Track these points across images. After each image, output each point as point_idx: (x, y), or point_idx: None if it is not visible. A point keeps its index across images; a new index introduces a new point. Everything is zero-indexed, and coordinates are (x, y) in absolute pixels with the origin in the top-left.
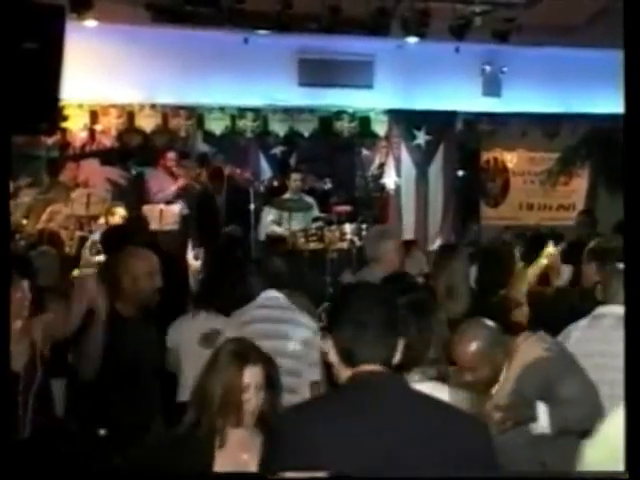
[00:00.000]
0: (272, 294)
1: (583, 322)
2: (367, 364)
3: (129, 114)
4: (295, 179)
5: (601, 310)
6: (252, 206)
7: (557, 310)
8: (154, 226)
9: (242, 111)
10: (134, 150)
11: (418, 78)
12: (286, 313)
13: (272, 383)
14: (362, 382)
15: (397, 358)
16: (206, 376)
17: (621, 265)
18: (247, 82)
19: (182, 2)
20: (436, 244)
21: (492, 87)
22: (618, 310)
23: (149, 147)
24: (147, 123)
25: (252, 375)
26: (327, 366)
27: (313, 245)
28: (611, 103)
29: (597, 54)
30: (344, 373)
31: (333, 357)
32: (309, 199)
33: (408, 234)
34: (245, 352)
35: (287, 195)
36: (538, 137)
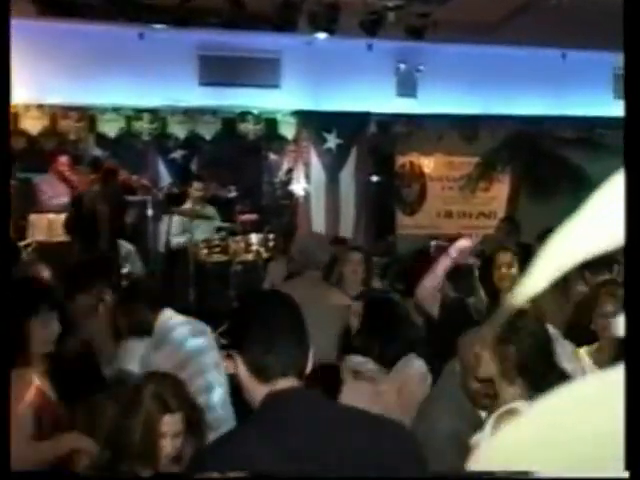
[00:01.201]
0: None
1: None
2: (283, 378)
3: (13, 115)
4: (197, 188)
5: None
6: (150, 215)
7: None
8: (41, 237)
9: (138, 112)
10: (19, 154)
11: (328, 77)
12: None
13: (193, 429)
14: (281, 401)
15: (309, 368)
16: (124, 417)
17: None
18: (143, 81)
19: None
20: None
21: (407, 87)
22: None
23: (36, 151)
24: (33, 125)
25: (171, 424)
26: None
27: (216, 257)
28: (533, 104)
29: (519, 52)
30: (259, 391)
31: (244, 375)
32: (211, 208)
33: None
34: (165, 399)
35: (188, 204)
36: (456, 140)
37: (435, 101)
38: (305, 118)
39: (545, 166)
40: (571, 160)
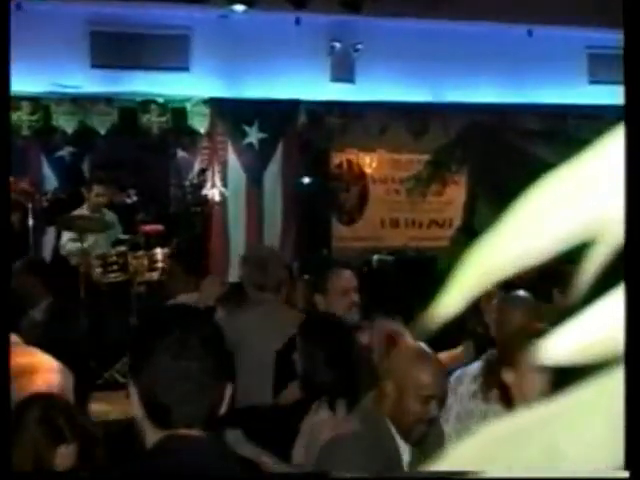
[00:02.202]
0: None
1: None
2: (184, 424)
3: None
4: (98, 193)
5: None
6: (31, 226)
7: None
8: None
9: (16, 100)
10: None
11: (248, 58)
12: None
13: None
14: (175, 452)
15: (224, 409)
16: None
17: (521, 293)
18: (21, 62)
19: None
20: None
21: (343, 70)
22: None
23: None
24: None
25: (65, 456)
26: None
27: (113, 277)
28: (493, 90)
29: (476, 28)
30: (151, 435)
31: (138, 412)
32: (112, 215)
33: (237, 260)
34: (58, 425)
35: (82, 211)
36: (402, 134)
37: (376, 87)
38: (220, 108)
39: (508, 165)
40: (539, 157)
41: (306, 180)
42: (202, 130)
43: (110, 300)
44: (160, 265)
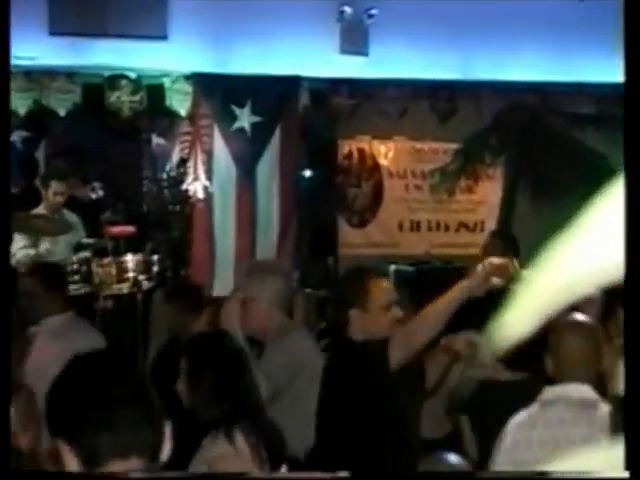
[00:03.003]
0: None
1: (521, 416)
2: (120, 460)
3: None
4: (57, 190)
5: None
6: None
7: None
8: None
9: None
10: None
11: (239, 25)
12: None
13: None
14: None
15: (166, 452)
16: None
17: (578, 316)
18: None
19: None
20: None
21: (354, 40)
22: (575, 392)
23: None
24: None
25: None
26: None
27: (74, 289)
28: (536, 66)
29: None
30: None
31: (69, 460)
32: (73, 215)
33: (224, 271)
34: None
35: (39, 210)
36: (426, 118)
37: (394, 61)
38: (205, 85)
39: (553, 155)
40: (589, 146)
41: (308, 173)
42: (183, 112)
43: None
44: (131, 275)
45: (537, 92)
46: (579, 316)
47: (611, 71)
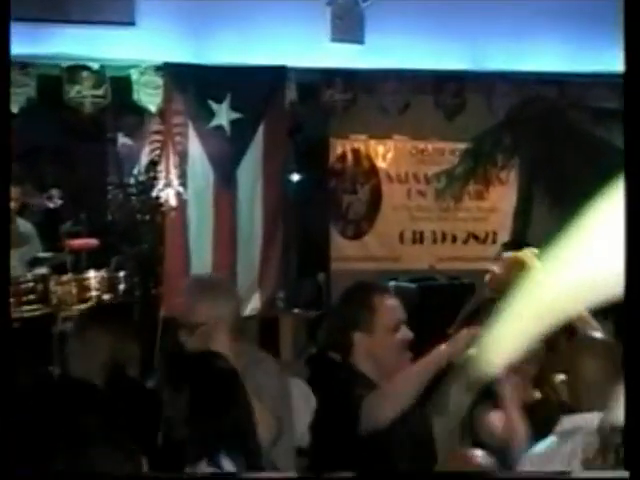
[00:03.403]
0: None
1: (538, 450)
2: None
3: None
4: (12, 196)
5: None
6: None
7: None
8: None
9: None
10: None
11: (216, 9)
12: None
13: None
14: None
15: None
16: None
17: (596, 334)
18: None
19: None
20: (250, 307)
21: (348, 26)
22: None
23: None
24: None
25: None
26: None
27: (29, 310)
28: (554, 56)
29: None
30: None
31: None
32: (26, 226)
33: (215, 282)
34: None
35: None
36: (430, 114)
37: (393, 49)
38: (178, 77)
39: (574, 156)
40: (615, 145)
41: (296, 178)
42: (153, 108)
43: (24, 343)
44: (94, 294)
45: (556, 84)
46: (597, 334)
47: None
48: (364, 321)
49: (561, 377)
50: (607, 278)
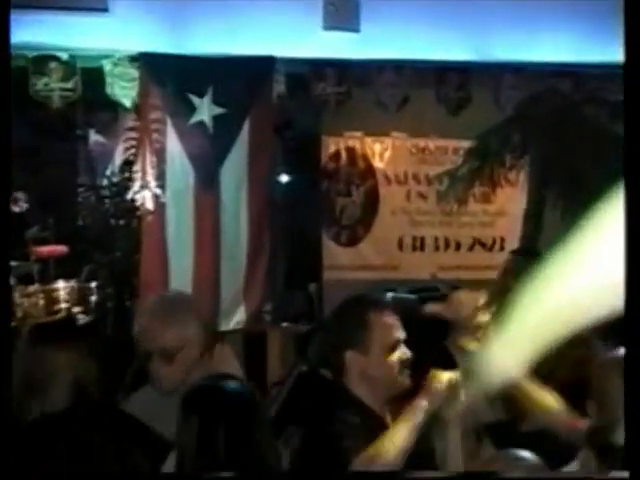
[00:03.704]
0: None
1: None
2: None
3: None
4: None
5: None
6: None
7: None
8: None
9: None
10: None
11: None
12: None
13: None
14: None
15: None
16: None
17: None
18: None
19: None
20: (235, 320)
21: (342, 13)
22: None
23: None
24: None
25: None
26: None
27: None
28: (567, 45)
29: None
30: None
31: None
32: None
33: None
34: None
35: None
36: (432, 109)
37: (391, 39)
38: (156, 68)
39: (589, 154)
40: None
41: (285, 179)
42: (127, 102)
43: None
44: (63, 306)
45: (570, 76)
46: (613, 351)
47: None
48: (358, 339)
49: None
50: (620, 287)
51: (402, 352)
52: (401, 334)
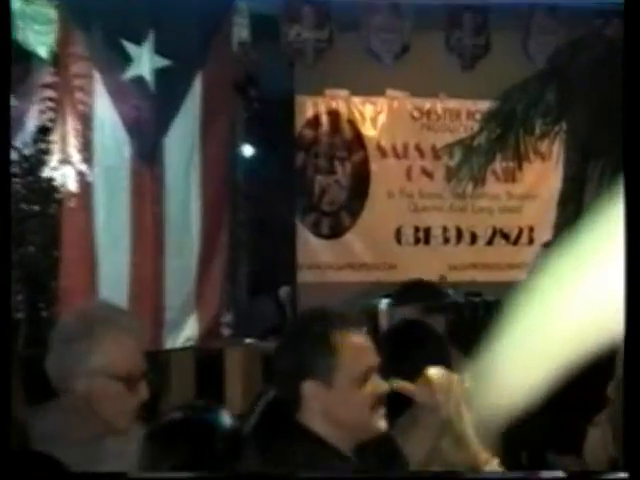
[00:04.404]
0: None
1: None
2: None
3: None
4: None
5: None
6: None
7: None
8: None
9: None
10: None
11: None
12: None
13: None
14: None
15: None
16: None
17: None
18: None
19: None
20: (184, 336)
21: None
22: None
23: None
24: None
25: None
26: None
27: None
28: None
29: None
30: None
31: None
32: None
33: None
34: None
35: None
36: (439, 60)
37: None
38: (79, 8)
39: None
40: None
41: (249, 152)
42: (43, 52)
43: None
44: None
45: (619, 17)
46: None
47: None
48: (318, 367)
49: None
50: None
51: (376, 385)
52: (374, 360)
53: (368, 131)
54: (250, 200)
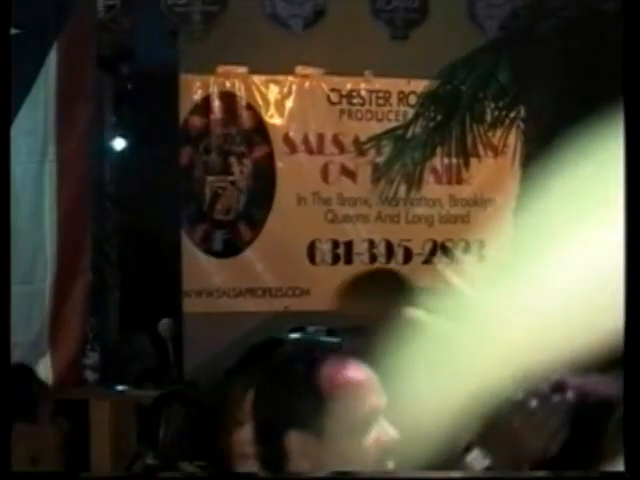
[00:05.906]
0: None
1: None
2: None
3: None
4: None
5: None
6: None
7: None
8: None
9: None
10: None
11: None
12: None
13: None
14: None
15: None
16: None
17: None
18: None
19: None
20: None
21: None
22: None
23: None
24: None
25: None
26: None
27: None
28: None
29: None
30: None
31: None
32: None
33: None
34: None
35: None
36: (363, 28)
37: None
38: None
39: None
40: None
41: (121, 145)
42: None
43: None
44: None
45: None
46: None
47: None
48: (304, 415)
49: None
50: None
51: (382, 431)
52: (377, 400)
53: (273, 119)
54: (121, 207)
